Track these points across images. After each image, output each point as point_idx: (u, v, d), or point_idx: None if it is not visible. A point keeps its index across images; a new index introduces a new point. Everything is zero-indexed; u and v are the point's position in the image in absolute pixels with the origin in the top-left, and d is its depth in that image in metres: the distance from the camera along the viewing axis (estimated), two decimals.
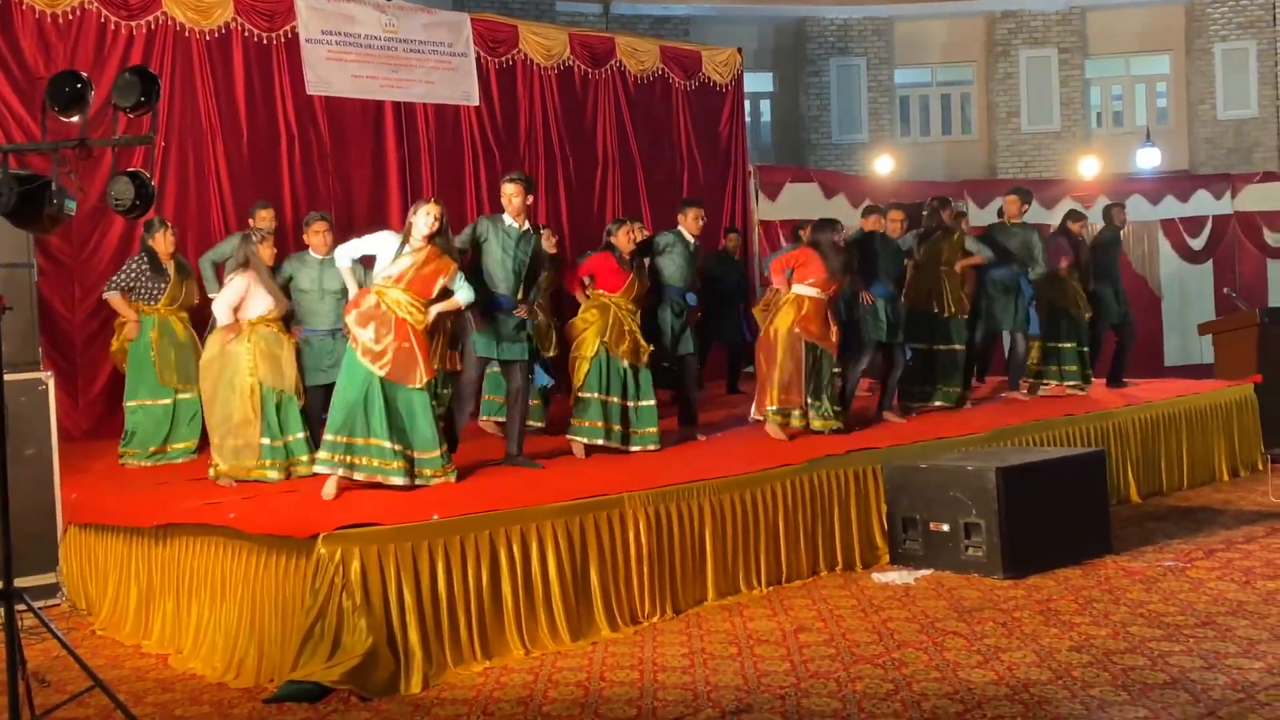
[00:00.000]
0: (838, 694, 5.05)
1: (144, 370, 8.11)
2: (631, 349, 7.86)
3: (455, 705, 5.12)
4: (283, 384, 7.19)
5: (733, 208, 13.95)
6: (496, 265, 7.38)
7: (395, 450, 6.45)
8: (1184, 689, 4.93)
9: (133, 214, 4.51)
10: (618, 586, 6.24)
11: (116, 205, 4.47)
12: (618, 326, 7.86)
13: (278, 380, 7.17)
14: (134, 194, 4.44)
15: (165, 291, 8.17)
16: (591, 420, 7.74)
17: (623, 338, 7.85)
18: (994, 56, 19.76)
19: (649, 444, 7.90)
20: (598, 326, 7.85)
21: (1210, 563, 7.12)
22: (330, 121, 10.75)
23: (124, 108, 4.48)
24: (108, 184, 4.48)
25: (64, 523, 7.16)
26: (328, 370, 7.59)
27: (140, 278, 8.13)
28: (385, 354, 6.51)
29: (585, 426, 7.77)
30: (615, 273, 8.01)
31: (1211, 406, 10.27)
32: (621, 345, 7.83)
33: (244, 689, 5.47)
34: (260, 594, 5.66)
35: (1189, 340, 16.04)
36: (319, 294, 7.85)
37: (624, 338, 7.85)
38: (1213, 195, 17.22)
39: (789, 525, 7.07)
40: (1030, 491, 7.05)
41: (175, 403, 8.11)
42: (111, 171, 4.60)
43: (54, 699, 5.14)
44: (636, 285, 8.08)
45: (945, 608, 6.35)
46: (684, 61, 13.62)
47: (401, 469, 6.44)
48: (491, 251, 7.38)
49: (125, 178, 4.46)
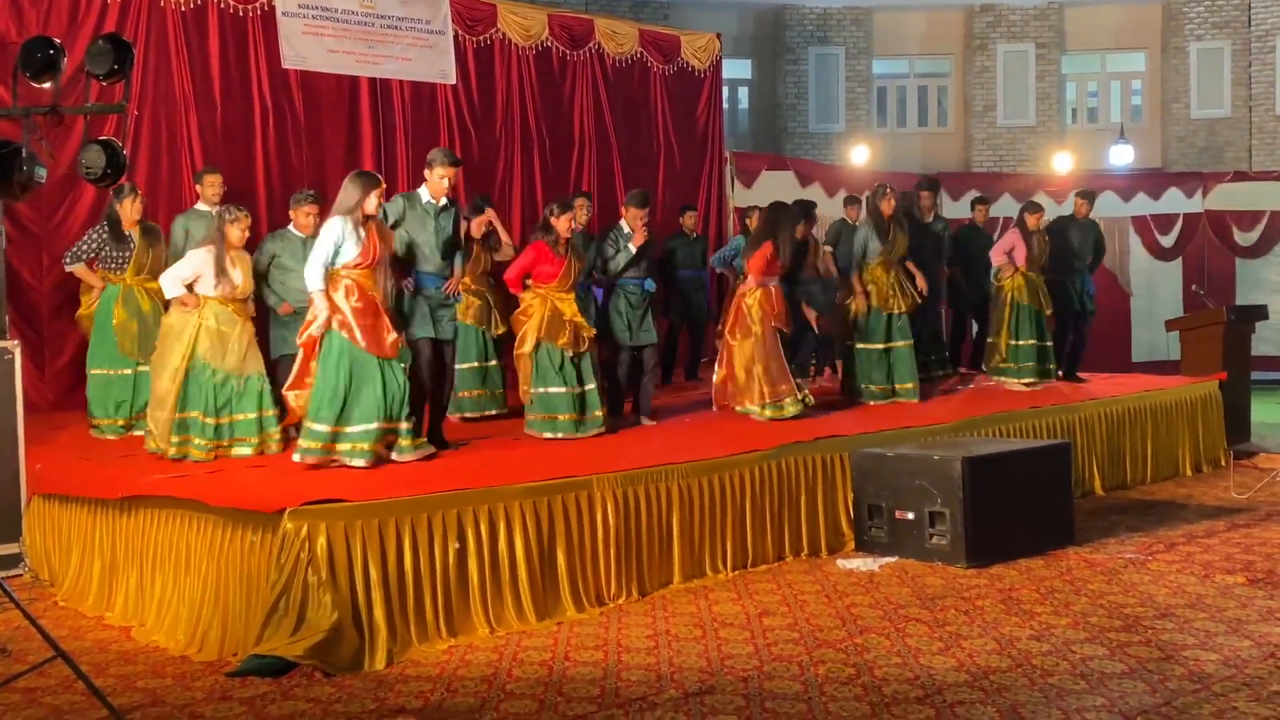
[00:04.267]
0: (800, 677, 5.08)
1: (105, 339, 8.06)
2: (572, 338, 7.84)
3: (419, 682, 5.13)
4: (225, 364, 7.10)
5: (708, 193, 13.97)
6: (420, 243, 7.31)
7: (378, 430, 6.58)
8: (1141, 679, 4.99)
9: (104, 182, 4.49)
10: (584, 568, 6.26)
11: (88, 174, 4.44)
12: (556, 318, 7.83)
13: (219, 359, 7.09)
14: (105, 162, 4.42)
15: (130, 260, 8.10)
16: (543, 414, 7.83)
17: (562, 328, 7.82)
18: (972, 50, 19.84)
19: (597, 427, 7.94)
20: (536, 320, 7.84)
21: (1171, 556, 7.20)
22: (305, 96, 10.69)
23: (97, 75, 4.46)
24: (79, 152, 4.45)
25: (28, 493, 7.11)
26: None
27: (103, 247, 8.05)
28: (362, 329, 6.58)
29: (538, 421, 7.85)
30: (549, 262, 7.90)
31: (1177, 402, 10.38)
32: (562, 336, 7.81)
33: (207, 662, 5.46)
34: (225, 568, 5.65)
35: (1157, 336, 16.18)
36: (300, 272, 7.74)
37: (563, 328, 7.82)
38: (1184, 193, 17.37)
39: (756, 510, 7.10)
40: (995, 482, 7.10)
41: (136, 374, 8.05)
42: (83, 139, 4.57)
43: (14, 669, 5.12)
44: (574, 269, 8.00)
45: (908, 595, 6.40)
46: (663, 46, 13.61)
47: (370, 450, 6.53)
48: (413, 229, 7.30)
49: (97, 146, 4.44)
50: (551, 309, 7.84)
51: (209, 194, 8.56)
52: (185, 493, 5.98)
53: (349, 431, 6.52)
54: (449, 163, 7.39)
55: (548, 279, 7.89)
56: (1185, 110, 19.63)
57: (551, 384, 7.81)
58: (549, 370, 7.79)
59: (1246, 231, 17.25)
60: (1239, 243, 17.33)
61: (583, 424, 7.87)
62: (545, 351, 7.81)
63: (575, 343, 7.86)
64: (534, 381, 7.82)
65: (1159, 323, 14.96)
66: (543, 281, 7.91)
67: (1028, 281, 10.47)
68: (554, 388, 7.80)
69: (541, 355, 7.81)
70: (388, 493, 5.75)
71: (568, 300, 7.92)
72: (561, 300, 7.89)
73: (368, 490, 5.79)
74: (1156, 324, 15.87)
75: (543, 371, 7.80)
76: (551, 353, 7.81)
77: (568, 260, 7.93)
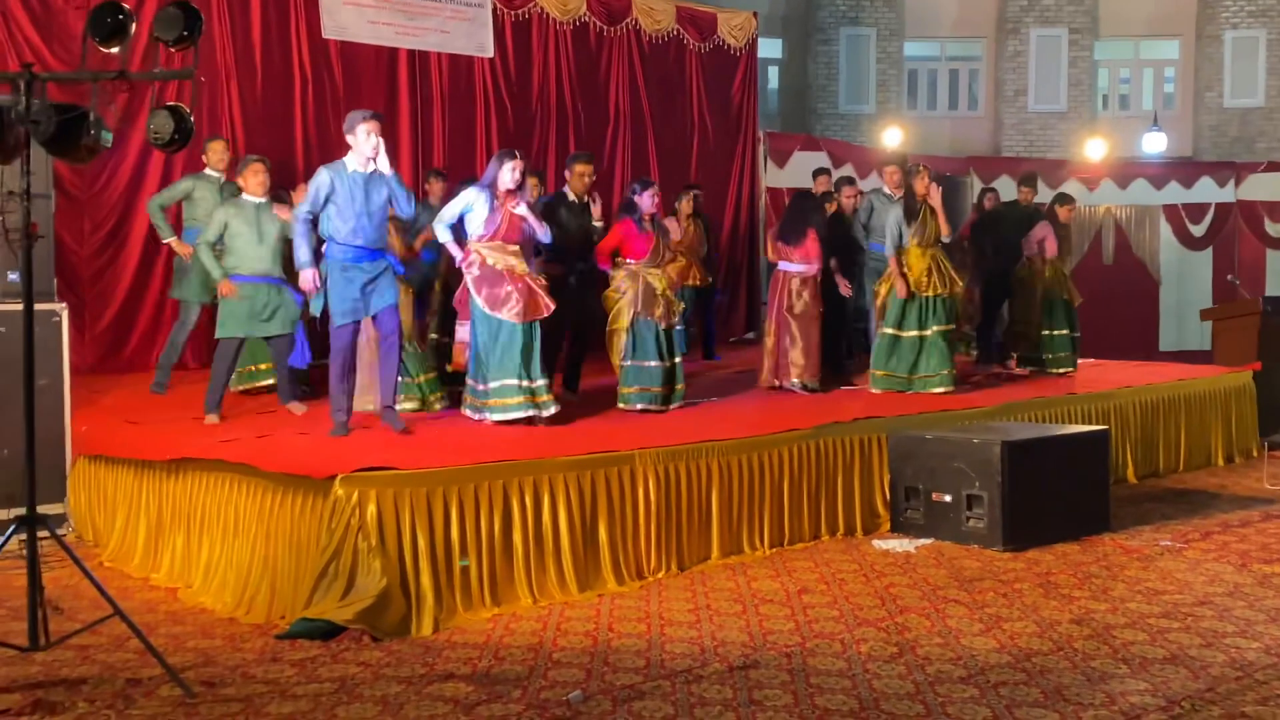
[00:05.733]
0: (843, 654, 5.12)
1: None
2: (665, 311, 8.09)
3: (466, 649, 5.18)
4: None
5: (741, 173, 13.96)
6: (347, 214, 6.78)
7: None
8: (1184, 665, 5.01)
9: (171, 148, 4.52)
10: (625, 541, 6.31)
11: (155, 139, 4.48)
12: (649, 293, 8.05)
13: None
14: (173, 128, 4.45)
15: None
16: (637, 386, 8.04)
17: (655, 302, 8.06)
18: (1004, 34, 19.74)
19: (681, 400, 8.25)
20: (630, 296, 8.05)
21: (1207, 544, 7.22)
22: (344, 66, 10.74)
23: (165, 40, 4.48)
24: (148, 117, 4.48)
25: (73, 454, 7.19)
26: (265, 323, 7.63)
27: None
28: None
29: (632, 393, 8.05)
30: (637, 238, 8.13)
31: (1210, 392, 10.36)
32: (656, 309, 8.05)
33: (255, 625, 5.53)
34: (274, 532, 5.71)
35: (1185, 326, 16.18)
36: (256, 238, 7.63)
37: (656, 301, 8.06)
38: (1216, 183, 17.31)
39: (794, 489, 7.14)
40: (1034, 466, 7.12)
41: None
42: (152, 105, 4.60)
43: (68, 626, 5.19)
44: (662, 245, 8.21)
45: (946, 576, 6.44)
46: (700, 23, 13.60)
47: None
48: (339, 201, 6.75)
49: (165, 111, 4.47)
50: (644, 284, 8.05)
51: (214, 159, 8.74)
52: (236, 457, 6.04)
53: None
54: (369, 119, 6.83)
55: (638, 255, 8.13)
56: (1218, 99, 19.50)
57: (648, 358, 8.02)
58: (644, 344, 8.02)
59: (1278, 222, 17.17)
60: (1271, 233, 17.25)
61: (671, 396, 8.13)
62: (641, 325, 8.02)
63: (668, 315, 8.11)
64: (628, 355, 8.04)
65: (1187, 313, 14.98)
66: (633, 258, 8.13)
67: (1057, 273, 10.49)
68: (649, 361, 8.03)
69: (638, 329, 8.02)
70: (436, 462, 5.81)
71: (658, 275, 8.13)
72: (652, 275, 8.10)
73: (417, 459, 5.85)
74: (1184, 314, 15.88)
75: (638, 345, 8.02)
76: (647, 326, 8.02)
77: (655, 236, 8.15)
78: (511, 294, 7.11)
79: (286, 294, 7.73)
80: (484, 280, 7.14)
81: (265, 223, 7.69)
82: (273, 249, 7.67)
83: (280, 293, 7.70)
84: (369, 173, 6.77)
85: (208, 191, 8.59)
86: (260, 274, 7.64)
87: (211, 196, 8.52)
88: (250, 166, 7.80)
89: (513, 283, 7.13)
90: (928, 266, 9.04)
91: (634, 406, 8.01)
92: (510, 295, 7.10)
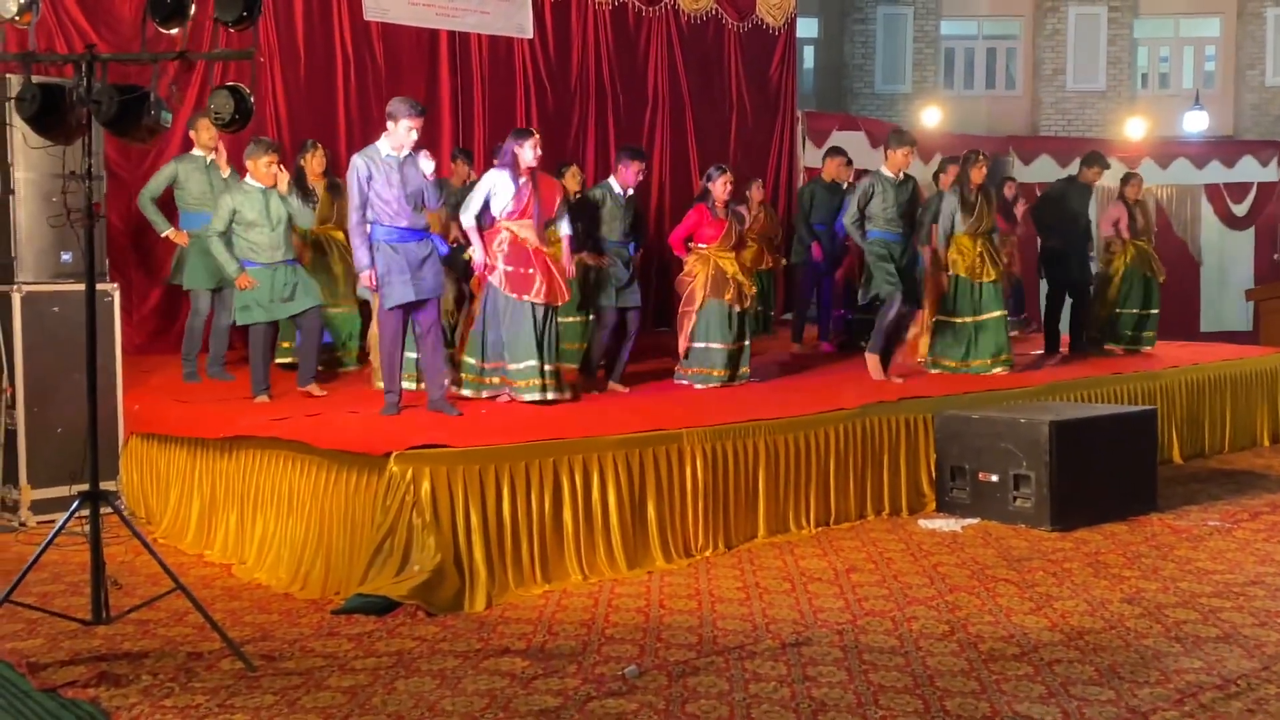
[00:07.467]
0: (894, 632, 5.14)
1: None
2: (736, 294, 8.30)
3: (520, 625, 5.23)
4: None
5: (780, 153, 13.92)
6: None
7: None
8: (1237, 644, 5.00)
9: (231, 127, 4.57)
10: (673, 519, 6.34)
11: (216, 119, 4.52)
12: (720, 276, 8.30)
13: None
14: (234, 108, 4.49)
15: (315, 211, 8.32)
16: (700, 368, 8.29)
17: (726, 285, 8.28)
18: (1042, 12, 19.56)
19: (746, 378, 8.46)
20: (702, 279, 8.29)
21: (1256, 524, 7.18)
22: (386, 48, 10.77)
23: (225, 21, 4.52)
24: (209, 97, 4.53)
25: (125, 433, 7.28)
26: (286, 303, 7.53)
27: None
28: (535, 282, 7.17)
29: (694, 374, 8.30)
30: (710, 224, 8.36)
31: (1256, 372, 10.28)
32: (727, 293, 8.26)
33: (310, 600, 5.60)
34: (329, 509, 5.78)
35: (1226, 306, 16.04)
36: (268, 225, 7.51)
37: (728, 285, 8.28)
38: (1259, 162, 17.13)
39: (840, 468, 7.15)
40: (1081, 446, 7.10)
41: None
42: (212, 85, 4.64)
43: (127, 601, 5.27)
44: (735, 230, 8.48)
45: (994, 556, 6.44)
46: (738, 3, 13.55)
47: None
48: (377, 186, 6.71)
49: (226, 91, 4.52)
50: (715, 268, 8.29)
51: (204, 139, 8.37)
52: (290, 434, 6.10)
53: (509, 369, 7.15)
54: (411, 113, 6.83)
55: (710, 240, 8.37)
56: (1260, 77, 19.27)
57: (716, 339, 8.27)
58: (714, 326, 8.28)
59: None
60: None
61: (734, 378, 8.34)
62: (712, 307, 8.24)
63: (739, 298, 8.32)
64: (696, 336, 8.29)
65: (1229, 293, 14.85)
66: (705, 242, 8.37)
67: (1138, 250, 10.53)
68: (716, 343, 8.27)
69: (709, 311, 8.26)
70: (488, 440, 5.86)
71: (729, 259, 8.37)
72: (724, 259, 8.34)
73: (469, 437, 5.89)
74: (1226, 294, 15.75)
75: (709, 327, 8.27)
76: (718, 309, 8.24)
77: (728, 221, 8.39)
78: (535, 276, 7.16)
79: (302, 271, 7.75)
80: (511, 259, 7.18)
81: (274, 208, 7.54)
82: (284, 234, 7.57)
83: (295, 271, 7.65)
84: (403, 156, 6.76)
85: (195, 172, 8.36)
86: (274, 260, 7.54)
87: (200, 176, 8.35)
88: (265, 156, 7.52)
89: (537, 263, 7.19)
90: (980, 252, 8.99)
91: (693, 385, 8.23)
92: (534, 278, 7.16)
